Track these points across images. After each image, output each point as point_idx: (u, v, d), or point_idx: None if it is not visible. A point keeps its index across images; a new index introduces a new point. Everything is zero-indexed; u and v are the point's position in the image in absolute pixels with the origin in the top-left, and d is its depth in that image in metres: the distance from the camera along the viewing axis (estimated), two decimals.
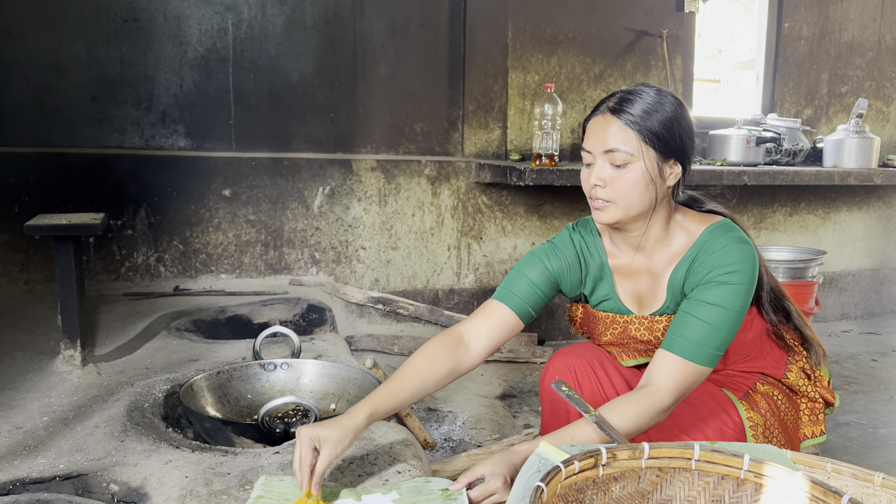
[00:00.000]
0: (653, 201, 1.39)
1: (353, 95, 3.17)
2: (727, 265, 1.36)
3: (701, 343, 1.34)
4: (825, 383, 1.62)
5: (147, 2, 2.89)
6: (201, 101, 2.99)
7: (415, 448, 1.50)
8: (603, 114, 1.39)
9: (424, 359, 1.39)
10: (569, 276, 1.53)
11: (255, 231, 3.11)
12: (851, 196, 4.08)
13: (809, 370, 1.60)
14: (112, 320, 2.44)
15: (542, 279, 1.50)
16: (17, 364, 2.00)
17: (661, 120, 1.35)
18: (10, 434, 1.56)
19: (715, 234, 1.41)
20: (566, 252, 1.53)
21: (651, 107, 1.36)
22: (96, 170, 2.87)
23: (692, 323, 1.35)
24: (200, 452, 1.43)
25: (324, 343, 2.26)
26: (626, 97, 1.38)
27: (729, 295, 1.35)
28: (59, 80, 2.83)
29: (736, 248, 1.37)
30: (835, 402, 1.61)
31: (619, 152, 1.35)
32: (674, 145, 1.37)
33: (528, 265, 1.52)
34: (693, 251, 1.42)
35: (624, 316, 1.51)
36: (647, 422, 1.34)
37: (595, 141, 1.38)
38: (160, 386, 1.81)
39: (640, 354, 1.53)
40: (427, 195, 3.32)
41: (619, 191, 1.37)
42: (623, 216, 1.39)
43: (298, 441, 1.20)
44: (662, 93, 1.39)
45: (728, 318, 1.35)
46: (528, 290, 1.48)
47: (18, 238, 2.80)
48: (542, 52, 3.42)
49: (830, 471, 1.07)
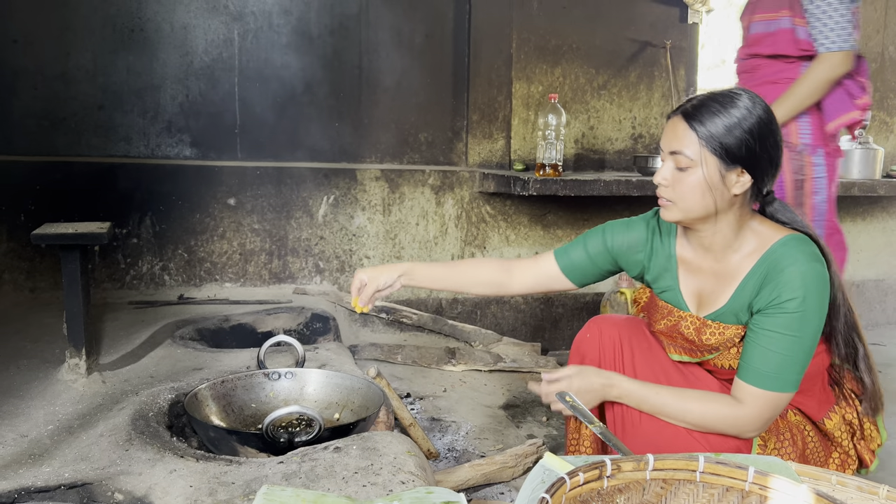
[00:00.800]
0: (712, 208, 1.38)
1: (358, 105, 3.19)
2: (795, 291, 1.32)
3: (776, 374, 1.34)
4: (873, 446, 1.51)
5: (154, 12, 2.92)
6: (207, 110, 3.01)
7: (419, 458, 1.50)
8: (677, 114, 1.40)
9: (474, 261, 1.74)
10: (628, 255, 1.58)
11: (259, 240, 3.12)
12: (855, 207, 4.07)
13: (857, 426, 1.50)
14: (117, 329, 2.44)
15: (596, 251, 1.60)
16: (23, 372, 2.01)
17: (729, 127, 1.33)
18: (15, 442, 1.57)
19: (788, 247, 1.37)
20: (636, 231, 1.58)
21: (723, 114, 1.34)
22: (102, 178, 2.89)
23: (765, 355, 1.34)
24: (205, 462, 1.44)
25: (328, 352, 2.26)
26: (703, 101, 1.37)
27: (798, 323, 1.32)
28: (67, 90, 2.85)
29: (805, 269, 1.33)
30: (871, 466, 1.51)
31: (680, 155, 1.37)
32: (740, 154, 1.34)
33: (592, 235, 1.63)
34: (764, 262, 1.38)
35: (680, 311, 1.51)
36: (720, 427, 1.39)
37: (665, 140, 1.42)
38: (165, 395, 1.81)
39: (685, 353, 1.50)
40: (431, 204, 3.33)
41: (679, 193, 1.39)
42: (683, 217, 1.42)
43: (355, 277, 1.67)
44: (742, 100, 1.35)
45: (802, 346, 1.33)
46: (582, 257, 1.62)
47: (24, 246, 2.82)
48: (546, 62, 3.44)
49: (835, 483, 1.07)
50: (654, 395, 1.43)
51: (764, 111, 1.35)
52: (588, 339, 1.58)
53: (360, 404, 1.80)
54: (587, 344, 1.59)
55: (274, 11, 3.05)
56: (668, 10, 3.63)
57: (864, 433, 1.50)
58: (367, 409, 1.74)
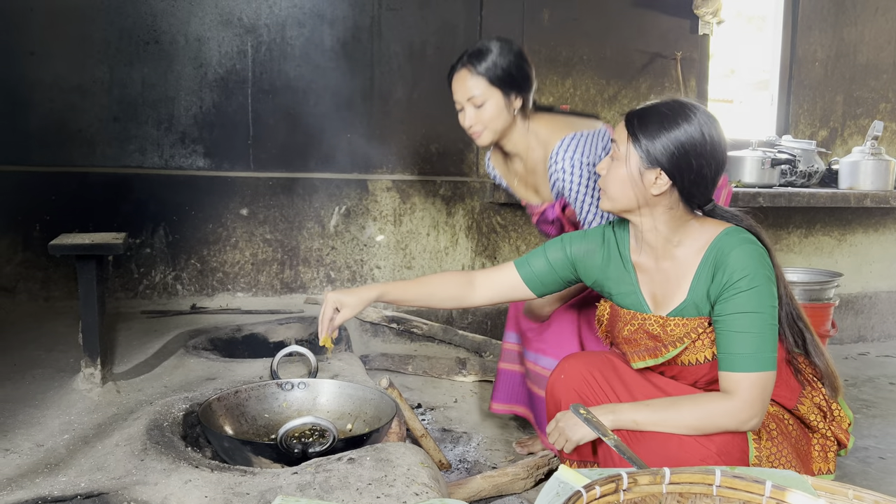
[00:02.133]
0: (634, 202, 1.50)
1: (370, 116, 3.21)
2: (742, 270, 1.41)
3: (754, 352, 1.40)
4: (844, 426, 1.59)
5: (169, 24, 2.95)
6: (220, 121, 3.04)
7: (432, 469, 1.51)
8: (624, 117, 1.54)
9: (439, 278, 1.75)
10: (585, 260, 1.65)
11: (271, 250, 3.14)
12: (867, 218, 4.06)
13: (826, 408, 1.58)
14: (130, 338, 2.46)
15: (557, 259, 1.67)
16: (38, 382, 2.02)
17: (657, 133, 1.45)
18: (31, 452, 1.58)
19: (730, 236, 1.47)
20: (592, 238, 1.66)
21: (658, 122, 1.46)
22: (117, 189, 2.92)
23: (737, 338, 1.41)
24: (219, 472, 1.44)
25: (340, 362, 2.27)
26: (650, 108, 1.49)
27: (755, 298, 1.41)
28: (83, 101, 2.88)
29: (747, 248, 1.43)
30: (848, 444, 1.59)
31: (615, 146, 1.52)
32: (661, 159, 1.45)
33: (552, 245, 1.70)
34: (710, 252, 1.48)
35: (643, 314, 1.57)
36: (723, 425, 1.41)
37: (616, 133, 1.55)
38: (179, 405, 1.82)
39: (648, 355, 1.56)
40: (442, 215, 3.34)
41: (607, 181, 1.53)
42: (612, 206, 1.55)
43: (325, 301, 1.66)
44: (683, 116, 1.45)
45: (765, 320, 1.41)
46: (542, 266, 1.68)
47: (39, 256, 2.84)
48: (557, 73, 3.45)
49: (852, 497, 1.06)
50: (651, 411, 1.46)
51: (699, 132, 1.44)
52: (562, 380, 1.64)
53: (373, 415, 1.80)
54: (560, 386, 1.65)
55: (287, 24, 3.08)
56: (678, 22, 3.64)
57: (834, 415, 1.58)
58: (380, 419, 1.74)
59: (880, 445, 2.52)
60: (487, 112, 1.97)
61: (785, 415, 1.56)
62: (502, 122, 2.00)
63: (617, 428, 1.47)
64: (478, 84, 1.95)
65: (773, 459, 1.47)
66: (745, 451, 1.45)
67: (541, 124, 2.05)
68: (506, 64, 1.95)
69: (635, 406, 1.48)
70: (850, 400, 3.00)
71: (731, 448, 1.43)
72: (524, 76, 1.99)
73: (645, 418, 1.46)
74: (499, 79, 1.95)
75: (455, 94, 2.01)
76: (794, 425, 1.56)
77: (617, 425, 1.46)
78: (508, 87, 1.96)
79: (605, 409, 1.49)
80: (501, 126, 2.01)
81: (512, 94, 1.97)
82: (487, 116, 1.97)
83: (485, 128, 1.99)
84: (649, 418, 1.45)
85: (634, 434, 1.48)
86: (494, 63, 1.94)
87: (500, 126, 2.00)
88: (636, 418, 1.46)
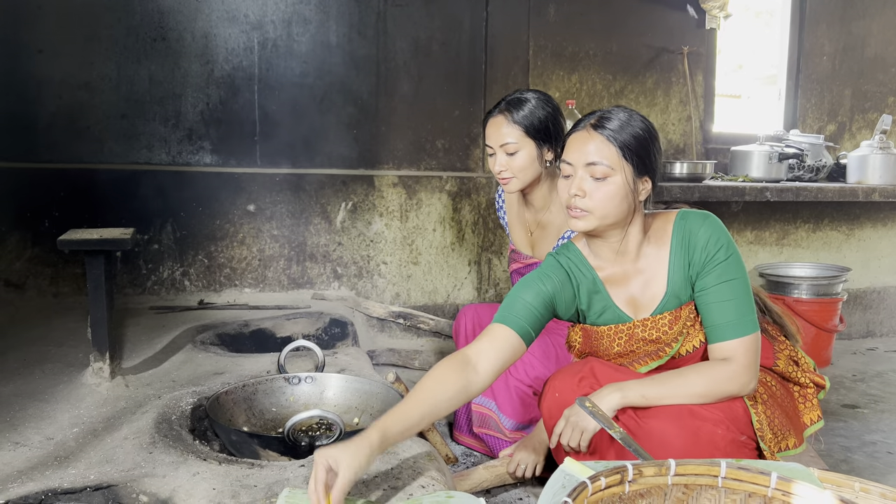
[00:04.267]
0: (626, 213, 1.50)
1: (376, 112, 3.21)
2: (717, 242, 1.48)
3: (740, 317, 1.46)
4: (811, 368, 1.69)
5: (175, 21, 2.96)
6: (227, 118, 3.05)
7: (438, 462, 1.51)
8: (584, 128, 1.50)
9: (433, 380, 1.40)
10: (562, 295, 1.59)
11: (278, 246, 3.15)
12: (876, 212, 4.03)
13: (797, 357, 1.67)
14: (138, 333, 2.48)
15: (537, 301, 1.55)
16: (47, 376, 2.04)
17: (638, 138, 1.47)
18: (41, 445, 1.60)
19: (686, 218, 1.52)
20: (556, 273, 1.59)
21: (629, 126, 1.48)
22: (124, 185, 2.93)
23: (723, 307, 1.46)
24: (227, 465, 1.45)
25: (346, 357, 2.28)
26: (607, 115, 1.49)
27: (732, 265, 1.47)
28: (90, 98, 2.90)
29: (711, 225, 1.50)
30: (825, 384, 1.67)
31: (599, 166, 1.46)
32: (648, 162, 1.49)
33: (523, 289, 1.57)
34: (676, 238, 1.52)
35: (626, 323, 1.57)
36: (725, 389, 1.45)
37: (577, 154, 1.49)
38: (187, 399, 1.83)
39: (650, 359, 1.57)
40: (448, 210, 3.35)
41: (596, 202, 1.47)
42: (598, 224, 1.50)
43: (315, 463, 1.20)
44: (637, 115, 1.51)
45: (744, 284, 1.48)
46: (526, 311, 1.53)
47: (48, 252, 2.86)
48: (563, 69, 3.45)
49: (858, 490, 1.06)
50: (657, 384, 1.49)
51: (653, 127, 1.52)
52: (557, 398, 1.62)
53: (380, 409, 1.81)
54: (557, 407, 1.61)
55: (293, 20, 3.08)
56: (685, 16, 3.63)
57: (802, 363, 1.67)
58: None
59: (888, 440, 2.51)
60: (519, 161, 1.99)
61: (766, 376, 1.60)
62: (532, 173, 2.02)
63: (627, 405, 1.48)
64: (513, 132, 1.97)
65: (771, 424, 1.50)
66: (749, 417, 1.47)
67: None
68: (543, 116, 1.98)
69: (641, 382, 1.50)
70: (859, 395, 2.99)
71: (738, 413, 1.48)
72: (559, 131, 2.02)
73: (653, 392, 1.47)
74: (535, 129, 1.97)
75: (488, 139, 2.03)
76: (777, 384, 1.61)
77: (626, 402, 1.48)
78: (542, 140, 1.99)
79: (613, 388, 1.50)
80: (531, 177, 2.03)
81: (545, 146, 2.00)
82: (518, 165, 1.99)
83: (514, 176, 2.01)
84: (657, 392, 1.47)
85: (649, 410, 1.49)
86: (532, 113, 1.97)
87: (530, 177, 2.03)
88: (644, 393, 1.48)
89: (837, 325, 3.33)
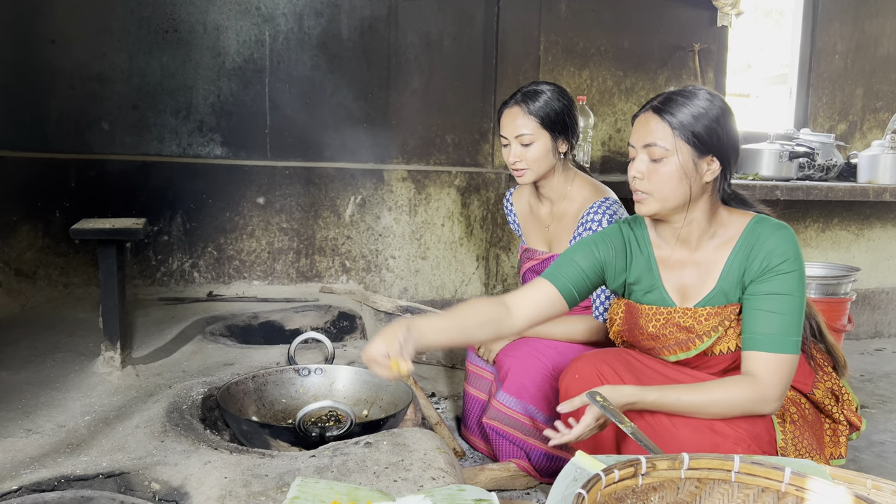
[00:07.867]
0: (687, 196, 1.47)
1: (387, 106, 3.21)
2: (783, 254, 1.43)
3: (782, 334, 1.40)
4: (853, 408, 1.62)
5: (188, 13, 2.96)
6: (238, 110, 3.05)
7: (448, 455, 1.52)
8: (647, 111, 1.49)
9: (468, 304, 1.55)
10: (614, 262, 1.61)
11: (287, 239, 3.16)
12: (886, 212, 4.02)
13: (838, 392, 1.61)
14: (148, 324, 2.49)
15: (587, 264, 1.59)
16: (59, 365, 2.05)
17: (697, 116, 1.43)
18: (53, 432, 1.61)
19: (762, 224, 1.48)
20: (614, 240, 1.62)
21: (690, 105, 1.44)
22: (135, 177, 2.94)
23: (767, 318, 1.41)
24: (238, 454, 1.46)
25: (355, 350, 2.28)
26: (669, 97, 1.47)
27: (791, 282, 1.42)
28: (102, 89, 2.90)
29: (783, 237, 1.44)
30: (861, 426, 1.61)
31: (655, 147, 1.45)
32: (710, 142, 1.44)
33: (577, 250, 1.62)
34: (743, 241, 1.48)
35: (668, 308, 1.56)
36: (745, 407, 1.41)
37: (637, 136, 1.49)
38: (197, 388, 1.84)
39: (679, 348, 1.54)
40: (457, 205, 3.35)
41: (655, 184, 1.46)
42: (660, 208, 1.48)
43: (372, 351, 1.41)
44: (703, 94, 1.46)
45: (797, 304, 1.42)
46: (575, 273, 1.59)
47: (59, 242, 2.87)
48: (574, 65, 3.44)
49: (870, 487, 1.06)
50: (678, 395, 1.45)
51: (723, 102, 1.47)
52: (577, 380, 1.60)
53: (389, 401, 1.82)
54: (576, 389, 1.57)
55: (305, 13, 3.08)
56: (697, 14, 3.61)
57: (844, 399, 1.61)
58: (396, 405, 1.76)
59: None
60: (533, 152, 2.00)
61: (801, 399, 1.57)
62: (546, 165, 2.03)
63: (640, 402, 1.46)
64: (528, 123, 1.99)
65: (797, 444, 1.48)
66: (773, 436, 1.46)
67: (585, 182, 2.10)
68: (559, 108, 2.00)
69: (661, 390, 1.47)
70: (866, 395, 2.98)
71: (760, 431, 1.44)
72: (574, 123, 2.04)
73: (670, 395, 1.45)
74: (550, 121, 1.99)
75: (503, 130, 2.04)
76: (810, 410, 1.57)
77: (640, 398, 1.46)
78: (557, 132, 2.01)
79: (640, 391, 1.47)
80: (545, 168, 2.04)
81: (560, 138, 2.02)
82: (532, 157, 2.01)
83: (528, 167, 2.02)
84: (674, 395, 1.44)
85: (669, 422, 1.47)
86: (547, 105, 1.98)
87: (544, 168, 2.04)
88: (662, 393, 1.45)
89: (846, 325, 3.31)
